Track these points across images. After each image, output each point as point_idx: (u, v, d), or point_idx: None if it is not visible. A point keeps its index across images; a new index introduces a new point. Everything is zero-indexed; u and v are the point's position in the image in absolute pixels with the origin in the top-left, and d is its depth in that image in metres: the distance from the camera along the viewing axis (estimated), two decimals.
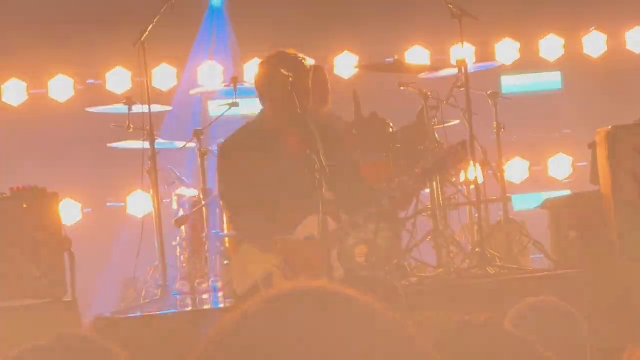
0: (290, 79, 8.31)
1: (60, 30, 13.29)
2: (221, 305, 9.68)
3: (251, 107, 11.44)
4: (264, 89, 8.53)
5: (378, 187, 8.75)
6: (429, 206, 10.30)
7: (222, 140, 9.71)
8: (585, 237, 9.76)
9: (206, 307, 9.71)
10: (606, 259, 9.44)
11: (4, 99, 13.29)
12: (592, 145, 10.11)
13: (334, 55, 13.71)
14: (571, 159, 12.38)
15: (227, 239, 10.32)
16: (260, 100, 8.66)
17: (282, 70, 8.29)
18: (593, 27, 13.32)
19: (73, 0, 13.80)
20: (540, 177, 12.54)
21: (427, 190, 10.33)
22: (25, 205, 9.39)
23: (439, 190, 10.13)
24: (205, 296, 9.86)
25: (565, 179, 12.36)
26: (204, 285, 9.91)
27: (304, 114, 8.36)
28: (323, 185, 7.99)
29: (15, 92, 13.29)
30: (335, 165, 8.20)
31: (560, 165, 12.39)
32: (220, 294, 9.81)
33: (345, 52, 13.24)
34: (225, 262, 10.21)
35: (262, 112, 8.70)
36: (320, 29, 13.18)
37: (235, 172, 8.59)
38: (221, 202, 9.64)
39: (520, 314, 4.30)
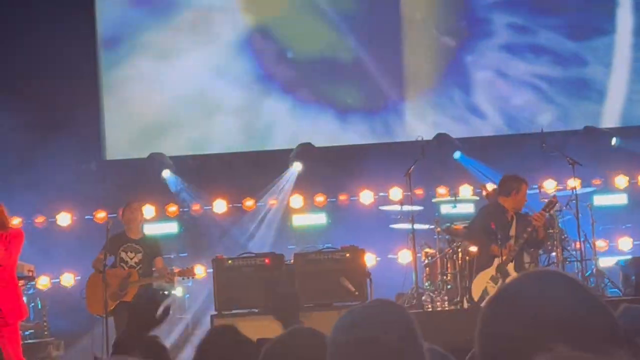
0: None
1: None
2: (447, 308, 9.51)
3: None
4: (506, 192, 9.04)
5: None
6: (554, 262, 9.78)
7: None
8: (638, 282, 9.51)
9: (439, 309, 9.49)
10: None
11: None
12: None
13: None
14: (632, 239, 11.76)
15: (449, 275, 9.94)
16: (502, 192, 9.08)
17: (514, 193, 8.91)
18: None
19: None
20: (614, 249, 11.71)
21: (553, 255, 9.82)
22: (347, 255, 9.52)
23: (561, 251, 9.70)
24: (438, 304, 9.61)
25: (628, 250, 11.61)
26: (437, 299, 9.64)
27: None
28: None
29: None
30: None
31: (625, 242, 11.80)
32: (446, 303, 9.61)
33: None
34: (449, 287, 9.88)
35: (498, 201, 9.12)
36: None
37: (483, 218, 9.08)
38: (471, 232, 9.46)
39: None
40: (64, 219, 11.85)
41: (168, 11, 12.50)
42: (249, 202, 12.16)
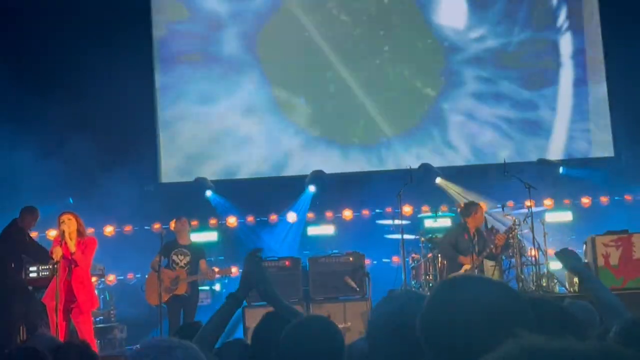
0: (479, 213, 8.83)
1: None
2: None
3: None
4: (468, 214, 8.84)
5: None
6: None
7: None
8: (580, 282, 9.46)
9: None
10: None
11: None
12: (586, 243, 9.91)
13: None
14: (575, 248, 11.22)
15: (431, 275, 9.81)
16: (466, 215, 8.92)
17: (474, 213, 8.73)
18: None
19: None
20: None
21: (513, 260, 9.51)
22: (351, 258, 9.29)
23: (520, 257, 9.41)
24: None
25: None
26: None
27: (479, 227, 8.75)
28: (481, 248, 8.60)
29: None
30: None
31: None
32: None
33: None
34: (430, 285, 9.62)
35: (462, 221, 9.00)
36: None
37: (448, 238, 8.89)
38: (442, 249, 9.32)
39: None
40: (128, 229, 11.87)
41: (207, 65, 12.50)
42: (272, 217, 12.11)
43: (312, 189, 12.13)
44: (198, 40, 12.60)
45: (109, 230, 11.76)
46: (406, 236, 9.92)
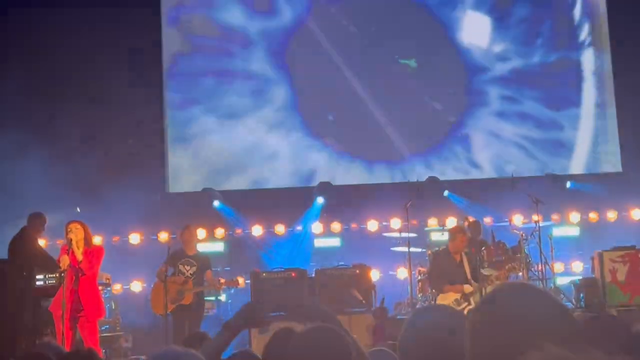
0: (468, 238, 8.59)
1: None
2: None
3: None
4: (452, 241, 8.66)
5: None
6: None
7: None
8: (587, 297, 9.41)
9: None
10: (599, 305, 9.10)
11: None
12: (593, 258, 9.94)
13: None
14: (582, 263, 11.32)
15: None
16: (451, 238, 8.71)
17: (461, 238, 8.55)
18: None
19: None
20: (569, 270, 11.28)
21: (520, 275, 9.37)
22: (357, 271, 9.36)
23: (527, 272, 9.43)
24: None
25: (580, 272, 11.17)
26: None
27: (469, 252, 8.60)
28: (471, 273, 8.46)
29: None
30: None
31: (577, 265, 11.37)
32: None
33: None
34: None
35: (448, 246, 8.72)
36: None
37: (437, 266, 8.82)
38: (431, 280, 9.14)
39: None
40: (135, 238, 11.83)
41: (219, 79, 12.48)
42: (279, 228, 12.11)
43: (320, 200, 12.12)
44: (213, 56, 12.49)
45: (115, 239, 11.72)
46: (413, 249, 9.92)
